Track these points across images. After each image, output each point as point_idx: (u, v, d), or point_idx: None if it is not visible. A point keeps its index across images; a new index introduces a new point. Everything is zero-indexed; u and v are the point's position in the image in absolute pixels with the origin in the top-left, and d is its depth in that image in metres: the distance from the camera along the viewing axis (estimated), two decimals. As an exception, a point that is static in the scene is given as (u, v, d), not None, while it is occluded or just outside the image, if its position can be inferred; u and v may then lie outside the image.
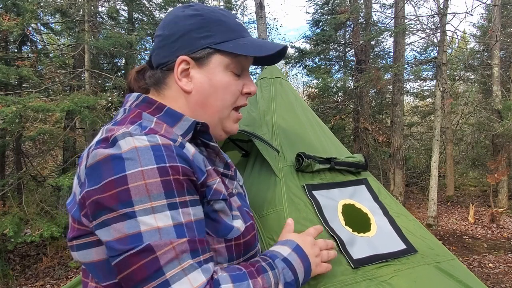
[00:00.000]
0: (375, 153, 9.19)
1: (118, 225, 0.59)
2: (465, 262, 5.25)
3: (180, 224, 0.61)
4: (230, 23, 0.79)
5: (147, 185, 0.60)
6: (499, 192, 8.13)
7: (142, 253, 0.58)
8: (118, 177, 0.60)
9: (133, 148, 0.63)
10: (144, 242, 0.58)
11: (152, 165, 0.62)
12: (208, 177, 0.72)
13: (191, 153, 0.70)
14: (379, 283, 1.01)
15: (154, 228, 0.59)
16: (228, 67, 0.78)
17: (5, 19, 4.75)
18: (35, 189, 5.25)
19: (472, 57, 9.67)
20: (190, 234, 0.61)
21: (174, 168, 0.63)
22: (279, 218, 1.17)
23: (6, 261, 4.98)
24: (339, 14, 8.48)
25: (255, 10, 6.91)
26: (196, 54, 0.76)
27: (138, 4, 7.57)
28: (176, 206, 0.62)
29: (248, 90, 0.82)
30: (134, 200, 0.59)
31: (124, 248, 0.58)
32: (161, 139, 0.66)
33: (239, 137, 1.64)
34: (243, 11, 13.35)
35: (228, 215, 0.73)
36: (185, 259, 0.59)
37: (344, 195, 1.30)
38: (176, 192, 0.62)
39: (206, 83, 0.77)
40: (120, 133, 0.66)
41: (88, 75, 5.76)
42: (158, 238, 0.58)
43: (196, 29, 0.77)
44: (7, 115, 4.00)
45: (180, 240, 0.60)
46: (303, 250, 0.78)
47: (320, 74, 9.09)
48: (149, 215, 0.59)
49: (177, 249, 0.59)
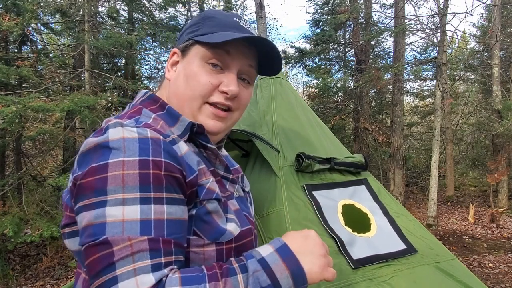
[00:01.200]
0: (375, 153, 9.19)
1: (88, 213, 0.59)
2: (465, 262, 5.25)
3: (147, 220, 0.58)
4: (221, 20, 0.78)
5: (124, 175, 0.59)
6: (499, 192, 8.13)
7: (99, 246, 0.56)
8: (100, 164, 0.60)
9: (121, 138, 0.63)
10: (104, 235, 0.56)
11: (134, 156, 0.61)
12: (200, 176, 0.70)
13: (182, 151, 0.69)
14: (379, 283, 1.01)
15: (118, 220, 0.57)
16: (204, 59, 0.76)
17: (5, 19, 4.75)
18: (35, 189, 5.25)
19: (472, 57, 9.67)
20: (156, 233, 0.58)
21: (157, 163, 0.62)
22: (279, 218, 1.17)
23: (6, 261, 4.98)
24: (339, 14, 8.48)
25: (255, 10, 6.91)
26: (182, 46, 0.80)
27: (138, 4, 7.57)
28: (149, 201, 0.59)
29: (224, 89, 0.76)
30: (108, 189, 0.59)
31: (85, 240, 0.58)
32: (151, 133, 0.66)
33: (239, 137, 1.64)
34: (243, 11, 13.34)
35: (221, 217, 0.72)
36: (141, 258, 0.56)
37: (344, 195, 1.30)
38: (152, 187, 0.60)
39: (181, 72, 0.78)
40: (112, 123, 0.67)
41: (88, 75, 5.76)
42: (120, 232, 0.56)
43: (190, 26, 0.81)
44: (7, 115, 4.00)
45: (141, 237, 0.57)
46: (290, 250, 0.64)
47: (320, 74, 9.09)
48: (118, 206, 0.58)
49: (134, 246, 0.56)
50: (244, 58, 0.78)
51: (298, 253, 0.65)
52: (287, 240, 0.67)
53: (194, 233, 0.68)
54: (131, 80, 7.02)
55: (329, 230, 1.13)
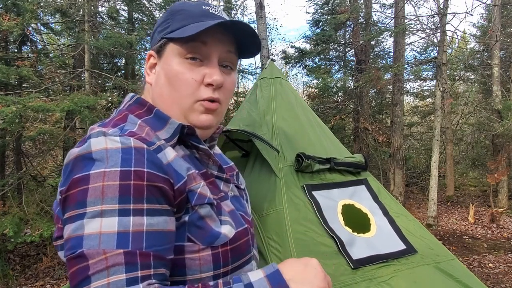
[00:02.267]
0: (375, 153, 9.19)
1: (69, 225, 0.58)
2: (465, 262, 5.25)
3: (125, 233, 0.57)
4: (191, 11, 0.75)
5: (104, 187, 0.58)
6: (499, 192, 8.13)
7: (76, 259, 0.56)
8: (82, 175, 0.60)
9: (104, 149, 0.62)
10: (81, 248, 0.55)
11: (116, 167, 0.59)
12: (190, 182, 0.69)
13: (168, 158, 0.68)
14: (379, 283, 1.01)
15: (95, 233, 0.56)
16: (181, 55, 0.74)
17: (5, 19, 4.74)
18: (35, 189, 5.25)
19: (472, 57, 9.67)
20: (133, 245, 0.56)
21: (138, 173, 0.60)
22: (279, 218, 1.17)
23: (6, 261, 4.98)
24: (339, 14, 8.48)
25: (255, 10, 6.91)
26: (156, 47, 0.78)
27: (138, 4, 7.57)
28: (128, 213, 0.58)
29: (209, 80, 0.73)
30: (88, 201, 0.58)
31: (66, 252, 0.58)
32: (134, 142, 0.64)
33: (239, 137, 1.64)
34: (243, 11, 13.35)
35: (215, 220, 0.70)
36: (116, 272, 0.54)
37: (344, 195, 1.30)
38: (132, 198, 0.59)
39: (162, 74, 0.76)
40: (94, 132, 0.65)
41: (88, 75, 5.76)
42: (96, 245, 0.55)
43: (160, 24, 0.78)
44: (7, 115, 4.00)
45: (116, 251, 0.55)
46: (282, 277, 0.60)
47: (320, 74, 9.09)
48: (96, 218, 0.57)
49: (109, 260, 0.54)
50: (222, 44, 0.76)
51: (292, 281, 0.60)
52: (283, 266, 0.63)
53: (188, 239, 0.67)
54: (131, 80, 7.02)
55: (328, 230, 1.13)
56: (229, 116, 7.48)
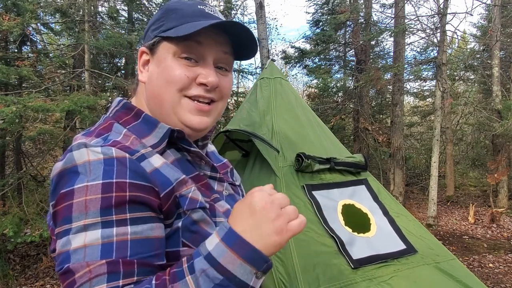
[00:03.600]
0: (375, 153, 9.19)
1: (59, 241, 0.59)
2: (465, 262, 5.25)
3: (109, 243, 0.57)
4: (185, 10, 0.74)
5: (87, 201, 0.58)
6: (499, 192, 8.13)
7: (64, 275, 0.57)
8: (67, 191, 0.60)
9: (86, 161, 0.62)
10: (68, 263, 0.56)
11: (98, 180, 0.60)
12: (180, 187, 0.68)
13: (154, 165, 0.67)
14: (379, 283, 1.01)
15: (80, 247, 0.57)
16: (175, 54, 0.73)
17: (5, 19, 4.74)
18: (35, 189, 5.25)
19: (472, 57, 9.66)
20: (117, 254, 0.57)
21: (120, 185, 0.60)
22: (279, 218, 1.17)
23: (6, 261, 4.98)
24: (339, 14, 8.48)
25: (255, 10, 6.91)
26: (149, 45, 0.77)
27: (138, 4, 7.57)
28: (111, 224, 0.58)
29: (202, 80, 0.72)
30: (73, 217, 0.58)
31: (56, 268, 0.59)
32: (116, 152, 0.64)
33: (239, 137, 1.64)
34: (243, 11, 13.35)
35: (209, 223, 0.70)
36: (98, 283, 0.55)
37: (344, 195, 1.30)
38: (114, 210, 0.59)
39: (155, 72, 0.75)
40: (76, 144, 0.65)
41: (88, 75, 5.76)
42: (82, 258, 0.56)
43: (154, 22, 0.77)
44: (7, 115, 3.99)
45: (99, 261, 0.56)
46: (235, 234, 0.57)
47: (320, 74, 9.08)
48: (81, 233, 0.57)
49: (92, 272, 0.55)
50: (218, 45, 0.74)
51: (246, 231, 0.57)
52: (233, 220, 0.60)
53: (183, 244, 0.67)
54: (131, 80, 7.00)
55: (329, 230, 1.13)
56: (229, 116, 7.47)
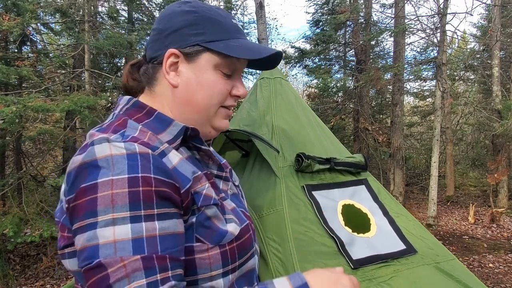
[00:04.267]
0: (375, 153, 9.19)
1: (82, 236, 0.59)
2: (465, 262, 5.25)
3: (139, 239, 0.58)
4: (224, 23, 0.78)
5: (113, 195, 0.58)
6: (499, 192, 8.13)
7: (94, 269, 0.56)
8: (90, 185, 0.59)
9: (109, 155, 0.61)
10: (98, 257, 0.56)
11: (123, 174, 0.60)
12: (195, 184, 0.70)
13: (173, 162, 0.68)
14: (379, 283, 1.01)
15: (110, 242, 0.56)
16: (217, 67, 0.76)
17: (5, 19, 4.74)
18: (35, 189, 5.25)
19: (472, 57, 9.66)
20: (149, 250, 0.58)
21: (146, 179, 0.61)
22: (279, 218, 1.17)
23: (6, 261, 4.98)
24: (339, 14, 8.48)
25: (255, 10, 6.91)
26: (186, 49, 0.75)
27: (138, 4, 7.57)
28: (139, 219, 0.59)
29: (237, 93, 0.80)
30: (98, 210, 0.58)
31: (81, 263, 0.58)
32: (139, 148, 0.64)
33: (239, 137, 1.64)
34: (243, 11, 13.35)
35: (221, 219, 0.72)
36: (136, 278, 0.55)
37: (344, 196, 1.30)
38: (142, 204, 0.59)
39: (193, 80, 0.76)
40: (97, 138, 0.64)
41: (88, 75, 5.76)
42: (113, 253, 0.56)
43: (189, 26, 0.76)
44: (7, 115, 4.00)
45: (134, 257, 0.56)
46: None
47: (320, 74, 9.08)
48: (109, 227, 0.57)
49: (128, 267, 0.55)
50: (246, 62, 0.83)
51: None
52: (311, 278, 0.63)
53: (197, 239, 0.68)
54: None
55: (328, 230, 1.13)
56: (229, 116, 7.47)
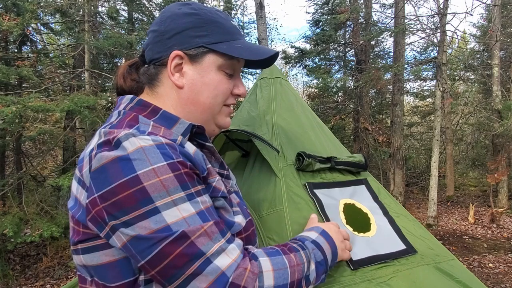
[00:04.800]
0: (375, 153, 9.19)
1: (143, 223, 0.61)
2: (465, 262, 5.25)
3: (201, 211, 0.66)
4: (226, 25, 0.81)
5: (162, 181, 0.63)
6: (499, 192, 8.13)
7: (178, 241, 0.61)
8: (130, 177, 0.62)
9: (139, 148, 0.64)
10: (176, 230, 0.61)
11: (161, 162, 0.64)
12: (209, 175, 0.75)
13: (192, 152, 0.73)
14: (378, 284, 1.01)
15: (180, 219, 0.63)
16: (220, 67, 0.80)
17: (5, 19, 4.74)
18: (35, 189, 5.25)
19: (472, 57, 9.66)
20: (212, 218, 0.67)
21: (182, 163, 0.66)
22: (279, 218, 1.17)
23: (6, 261, 4.98)
24: (339, 14, 8.48)
25: (255, 10, 6.91)
26: (191, 51, 0.77)
27: (138, 4, 7.57)
28: (193, 196, 0.66)
29: (238, 92, 0.85)
30: (153, 197, 0.62)
31: (159, 237, 0.61)
32: (164, 139, 0.68)
33: (239, 137, 1.63)
34: (243, 11, 13.36)
35: (229, 211, 0.76)
36: (218, 238, 0.65)
37: (344, 195, 1.30)
38: (190, 184, 0.66)
39: (198, 80, 0.79)
40: (123, 135, 0.66)
41: (88, 75, 5.76)
42: (187, 226, 0.62)
43: (193, 28, 0.78)
44: (7, 115, 4.00)
45: (208, 223, 0.65)
46: (329, 234, 0.87)
47: (320, 74, 9.08)
48: (172, 208, 0.63)
49: (208, 231, 0.64)
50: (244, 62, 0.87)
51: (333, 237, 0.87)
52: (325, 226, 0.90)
53: None
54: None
55: (329, 230, 1.13)
56: (229, 116, 7.47)
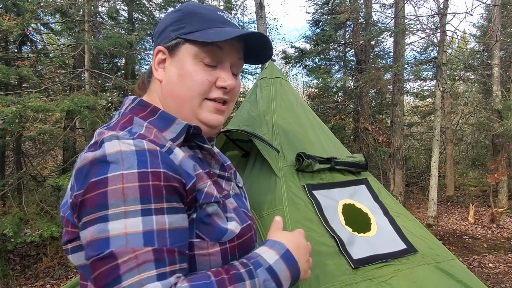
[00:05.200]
0: (375, 153, 9.18)
1: (92, 228, 0.60)
2: (465, 262, 5.25)
3: (150, 231, 0.59)
4: (206, 15, 0.78)
5: (124, 189, 0.60)
6: (499, 192, 8.13)
7: (105, 259, 0.57)
8: (100, 179, 0.61)
9: (118, 151, 0.63)
10: (109, 248, 0.57)
11: (133, 169, 0.61)
12: (198, 181, 0.71)
13: (179, 159, 0.70)
14: (379, 283, 1.01)
15: (122, 234, 0.58)
16: (197, 57, 0.76)
17: (5, 19, 4.74)
18: (35, 189, 5.25)
19: (472, 57, 9.66)
20: (159, 243, 0.59)
21: (156, 174, 0.62)
22: (279, 218, 1.17)
23: (6, 261, 4.97)
24: (339, 14, 8.47)
25: (255, 10, 6.91)
26: (168, 44, 0.78)
27: (138, 4, 7.56)
28: (149, 213, 0.60)
29: (222, 84, 0.77)
30: (109, 203, 0.59)
31: (91, 254, 0.59)
32: (148, 144, 0.66)
33: (239, 137, 1.64)
34: (243, 11, 13.36)
35: (221, 217, 0.73)
36: (147, 269, 0.57)
37: (344, 195, 1.30)
38: (153, 198, 0.61)
39: (175, 72, 0.77)
40: (107, 136, 0.66)
41: (88, 75, 5.75)
42: (124, 244, 0.57)
43: (173, 23, 0.79)
44: (7, 115, 3.99)
45: (145, 248, 0.58)
46: (293, 256, 0.71)
47: (320, 74, 9.08)
48: (121, 220, 0.58)
49: (139, 258, 0.57)
50: (236, 52, 0.80)
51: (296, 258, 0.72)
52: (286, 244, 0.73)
53: (197, 236, 0.69)
54: (131, 80, 7.01)
55: (329, 229, 1.13)
56: (229, 116, 7.48)
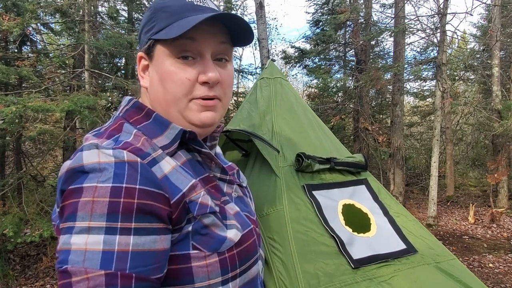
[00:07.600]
0: (375, 153, 9.18)
1: (61, 237, 0.59)
2: (465, 262, 5.25)
3: (110, 251, 0.56)
4: (173, 7, 0.72)
5: (94, 202, 0.57)
6: (499, 192, 8.13)
7: (62, 274, 0.56)
8: (75, 187, 0.59)
9: (96, 162, 0.60)
10: (67, 263, 0.56)
11: (108, 183, 0.58)
12: (189, 193, 0.68)
13: (164, 171, 0.66)
14: (379, 283, 1.01)
15: (81, 249, 0.56)
16: (171, 55, 0.71)
17: (5, 19, 4.74)
18: (35, 189, 5.25)
19: (472, 57, 9.66)
20: (117, 266, 0.56)
21: (129, 191, 0.59)
22: (280, 218, 1.17)
23: (6, 261, 4.98)
24: (339, 14, 8.47)
25: (255, 10, 6.91)
26: (145, 49, 0.75)
27: (138, 4, 7.56)
28: (114, 232, 0.57)
29: (204, 78, 0.71)
30: (77, 215, 0.57)
31: (56, 264, 0.58)
32: (128, 156, 0.62)
33: (239, 137, 1.64)
34: (243, 11, 13.36)
35: (219, 226, 0.70)
36: None
37: (344, 195, 1.30)
38: (120, 217, 0.57)
39: (156, 77, 0.74)
40: (87, 144, 0.64)
41: (88, 75, 5.75)
42: (81, 261, 0.55)
43: (146, 24, 0.75)
44: (7, 115, 3.99)
45: (98, 271, 0.54)
46: None
47: (320, 74, 9.08)
48: (84, 235, 0.56)
49: (90, 281, 0.54)
50: (213, 37, 0.72)
51: None
52: None
53: (193, 247, 0.67)
54: (131, 80, 7.01)
55: (329, 230, 1.13)
56: (229, 116, 7.48)
